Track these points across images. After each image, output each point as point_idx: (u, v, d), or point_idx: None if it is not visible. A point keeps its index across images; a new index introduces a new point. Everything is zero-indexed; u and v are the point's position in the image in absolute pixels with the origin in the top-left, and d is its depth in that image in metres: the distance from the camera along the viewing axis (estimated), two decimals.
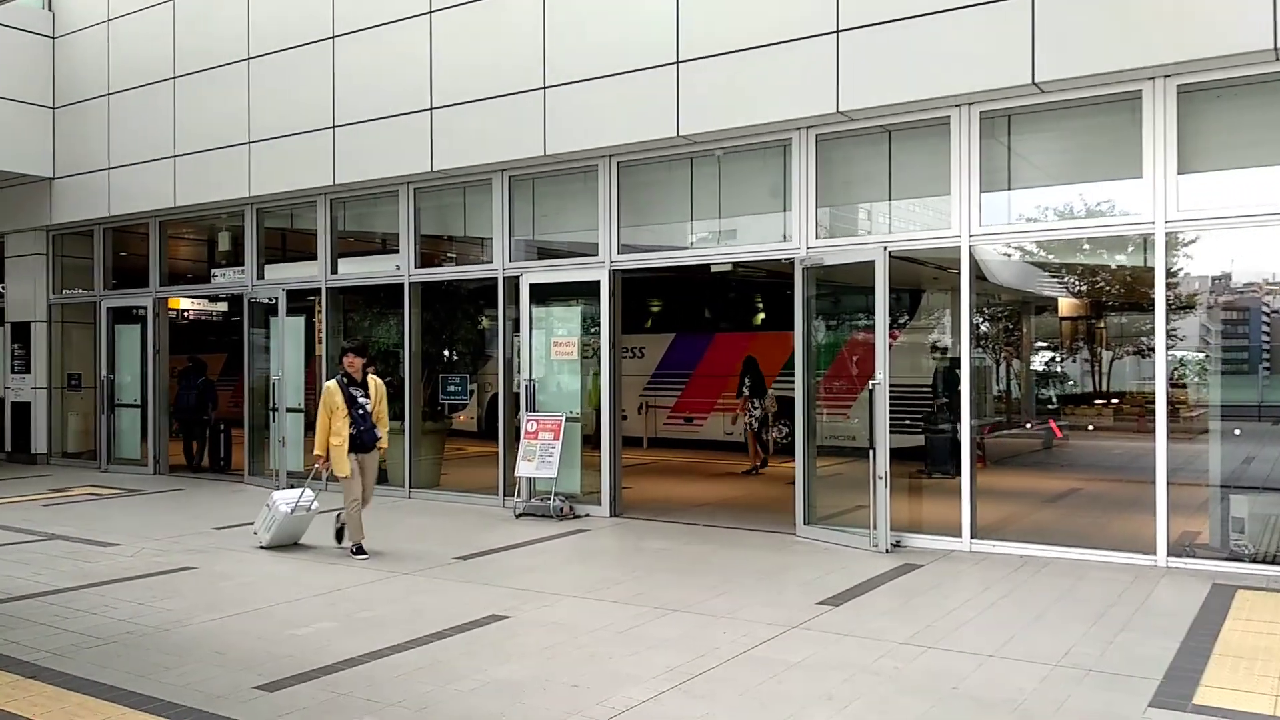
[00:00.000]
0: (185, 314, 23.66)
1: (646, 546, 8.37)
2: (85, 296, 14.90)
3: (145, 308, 13.97)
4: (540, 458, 9.69)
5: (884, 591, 6.68)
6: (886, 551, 7.83)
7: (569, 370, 10.33)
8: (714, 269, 12.64)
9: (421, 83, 10.65)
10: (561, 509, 9.59)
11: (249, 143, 12.20)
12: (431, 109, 10.60)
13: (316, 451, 7.97)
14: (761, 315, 16.01)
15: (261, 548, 8.20)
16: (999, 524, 8.72)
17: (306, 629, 5.77)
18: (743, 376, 13.75)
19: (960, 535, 8.02)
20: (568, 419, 9.88)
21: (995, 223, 8.18)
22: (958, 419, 8.34)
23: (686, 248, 10.15)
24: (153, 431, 13.90)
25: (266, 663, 5.09)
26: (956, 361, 10.25)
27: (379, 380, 8.36)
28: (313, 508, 8.33)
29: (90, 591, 6.72)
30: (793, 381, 8.94)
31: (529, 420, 9.97)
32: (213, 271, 14.43)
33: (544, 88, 9.82)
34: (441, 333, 12.43)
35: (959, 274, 8.19)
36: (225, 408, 14.95)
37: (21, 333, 15.31)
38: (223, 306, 20.40)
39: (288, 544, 8.31)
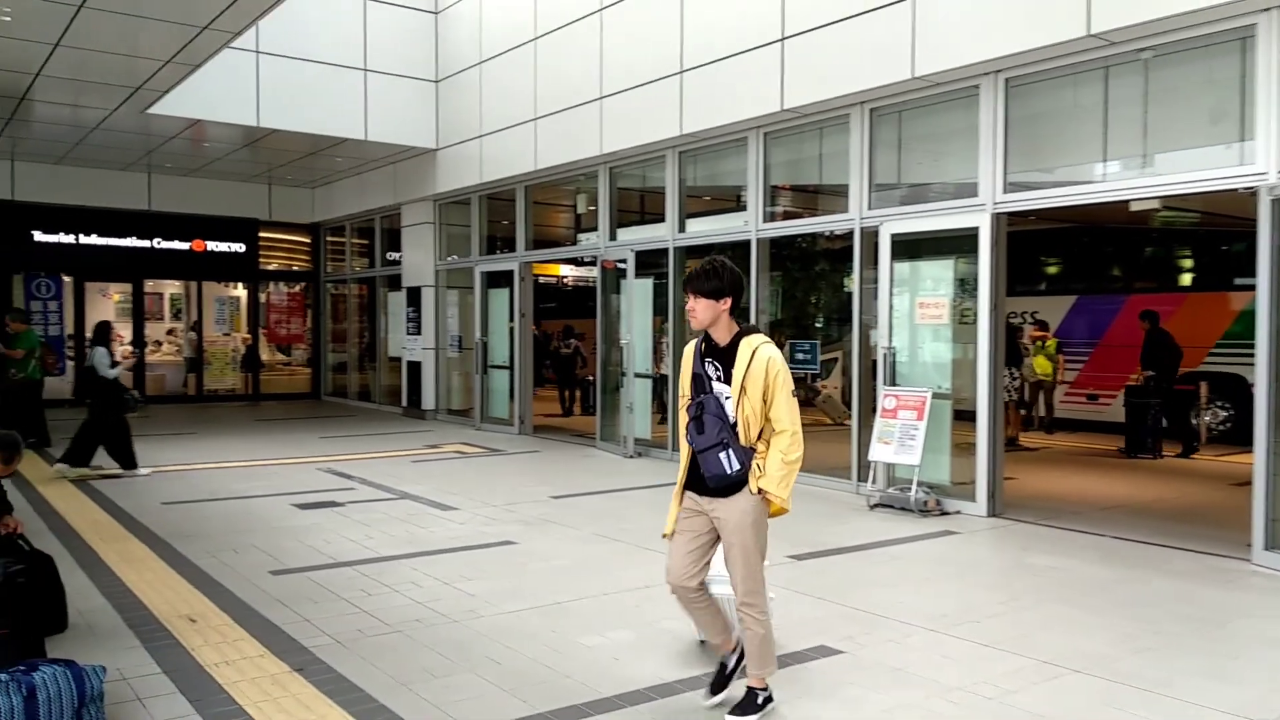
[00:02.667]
0: (564, 280, 24.74)
1: (1032, 562, 6.59)
2: (464, 262, 15.62)
3: (512, 272, 14.25)
4: (899, 440, 8.18)
5: None
6: None
7: (937, 337, 8.66)
8: (1132, 209, 10.19)
9: (771, 10, 9.44)
10: (925, 503, 8.02)
11: (600, 98, 11.78)
12: (783, 39, 9.36)
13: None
14: (1189, 274, 13.02)
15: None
16: None
17: (598, 638, 4.89)
18: None
19: None
20: (934, 395, 8.25)
21: None
22: (1163, 395, 5.69)
23: (1095, 182, 7.96)
24: (518, 392, 14.21)
25: (537, 684, 4.25)
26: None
27: (763, 347, 3.85)
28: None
29: (405, 563, 6.42)
30: (1226, 355, 6.61)
31: (886, 396, 8.47)
32: (578, 236, 14.44)
33: None
34: (793, 294, 11.23)
35: None
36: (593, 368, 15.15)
37: (414, 297, 16.46)
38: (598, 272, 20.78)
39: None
